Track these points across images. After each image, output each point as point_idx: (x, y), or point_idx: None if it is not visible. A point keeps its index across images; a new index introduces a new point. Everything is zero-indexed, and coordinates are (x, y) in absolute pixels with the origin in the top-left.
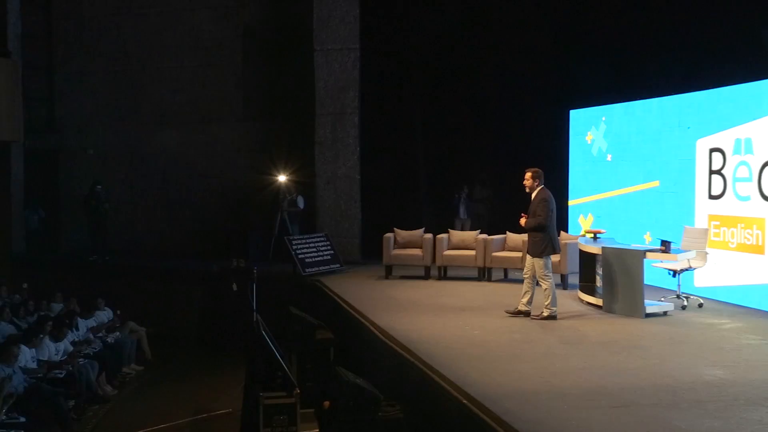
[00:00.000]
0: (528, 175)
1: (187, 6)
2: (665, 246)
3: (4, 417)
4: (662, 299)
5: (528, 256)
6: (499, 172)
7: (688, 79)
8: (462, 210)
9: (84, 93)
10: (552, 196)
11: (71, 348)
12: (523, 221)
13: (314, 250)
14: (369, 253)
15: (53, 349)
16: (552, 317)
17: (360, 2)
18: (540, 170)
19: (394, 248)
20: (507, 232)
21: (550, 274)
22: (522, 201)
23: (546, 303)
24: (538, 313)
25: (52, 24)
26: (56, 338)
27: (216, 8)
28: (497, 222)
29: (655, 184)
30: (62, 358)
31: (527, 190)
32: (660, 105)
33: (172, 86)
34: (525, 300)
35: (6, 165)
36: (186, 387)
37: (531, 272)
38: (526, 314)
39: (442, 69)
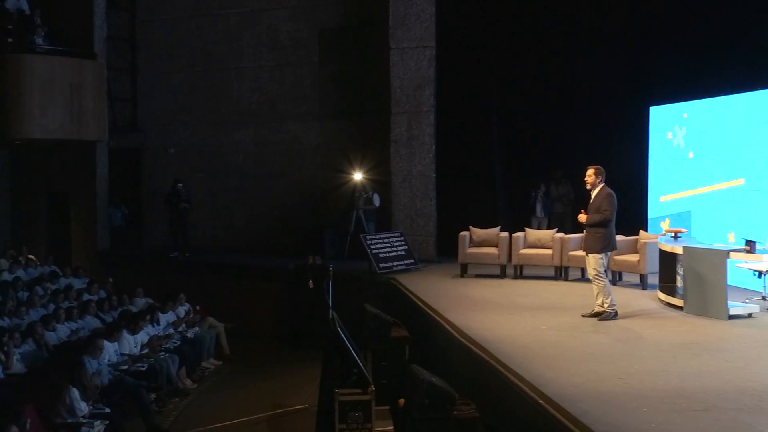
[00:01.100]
0: (590, 171)
1: (265, 6)
2: (750, 246)
3: (91, 407)
4: (746, 300)
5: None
6: (579, 170)
7: None
8: (538, 208)
9: (165, 93)
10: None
11: (147, 339)
12: (582, 218)
13: (389, 248)
14: (444, 252)
15: (132, 342)
16: (612, 316)
17: (436, 0)
18: (602, 168)
19: (470, 247)
20: (585, 231)
21: (604, 272)
22: None
23: (599, 301)
24: (596, 312)
25: (135, 27)
26: (132, 331)
27: (293, 8)
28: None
29: (740, 182)
30: (141, 352)
31: (588, 187)
32: (745, 100)
33: (250, 86)
34: (599, 301)
35: (92, 164)
36: (263, 382)
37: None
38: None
39: (518, 66)
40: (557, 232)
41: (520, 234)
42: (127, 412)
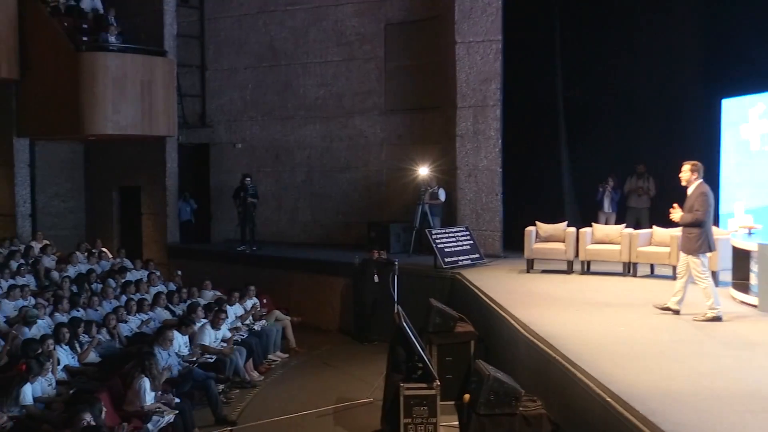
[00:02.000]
0: (686, 167)
1: (331, 2)
2: None
3: (160, 397)
4: None
5: (681, 254)
6: (658, 165)
7: None
8: (606, 203)
9: (233, 89)
10: (710, 190)
11: (229, 335)
12: (676, 215)
13: (455, 242)
14: (510, 247)
15: (213, 336)
16: (717, 318)
17: None
18: (699, 163)
19: (536, 242)
20: (653, 227)
21: (708, 273)
22: (671, 194)
23: (708, 303)
24: (702, 315)
25: (204, 24)
26: (215, 326)
27: (359, 3)
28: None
29: None
30: (220, 346)
31: (684, 183)
32: None
33: (316, 81)
34: (676, 299)
35: (162, 159)
36: (328, 376)
37: (685, 271)
38: (675, 312)
39: (586, 58)
40: (635, 228)
41: (587, 229)
42: (196, 403)
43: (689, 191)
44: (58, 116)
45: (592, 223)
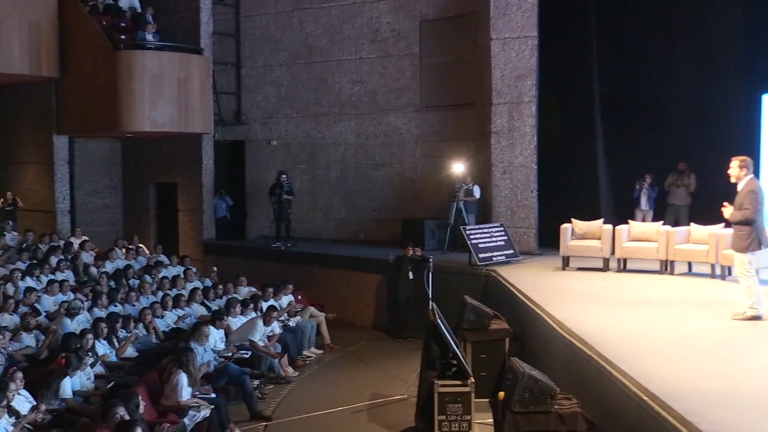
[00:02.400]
0: (734, 164)
1: None
2: None
3: (197, 392)
4: None
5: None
6: (696, 161)
7: None
8: (643, 200)
9: (268, 86)
10: (761, 187)
11: (279, 331)
12: (727, 212)
13: (490, 239)
14: (545, 244)
15: (263, 332)
16: (756, 317)
17: None
18: (748, 158)
19: (572, 239)
20: (691, 224)
21: (753, 271)
22: (710, 191)
23: (750, 302)
24: (741, 314)
25: (239, 22)
26: (267, 323)
27: (393, 0)
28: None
29: None
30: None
31: (733, 180)
32: None
33: (350, 78)
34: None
35: (198, 156)
36: (363, 372)
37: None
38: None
39: (623, 54)
40: (674, 225)
41: (623, 226)
42: (231, 398)
43: (739, 188)
44: (97, 114)
45: (629, 221)
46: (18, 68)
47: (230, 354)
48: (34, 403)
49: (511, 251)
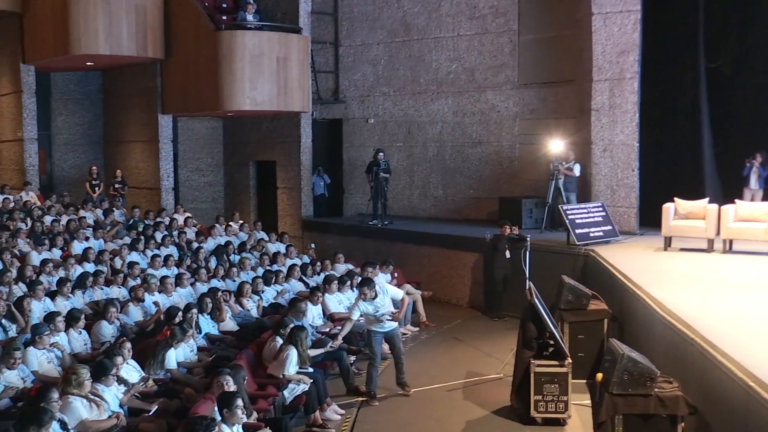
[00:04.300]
0: None
1: None
2: None
3: (297, 368)
4: None
5: None
6: None
7: None
8: (753, 179)
9: (366, 65)
10: None
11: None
12: None
13: (589, 219)
14: (647, 224)
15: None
16: None
17: None
18: None
19: (674, 219)
20: None
21: None
22: None
23: None
24: None
25: (337, 0)
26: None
27: None
28: None
29: None
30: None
31: None
32: None
33: (448, 56)
34: None
35: (297, 134)
36: (458, 350)
37: None
38: None
39: (731, 28)
40: None
41: (729, 206)
42: (329, 374)
43: None
44: (199, 94)
45: (735, 200)
46: (125, 50)
47: (328, 329)
48: (142, 373)
49: (610, 227)
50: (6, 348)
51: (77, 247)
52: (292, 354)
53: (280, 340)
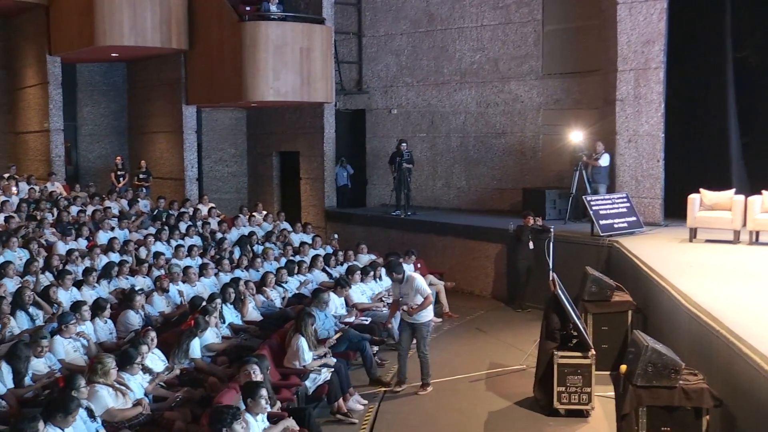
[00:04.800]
0: None
1: None
2: None
3: (316, 356)
4: None
5: None
6: None
7: None
8: None
9: (389, 55)
10: None
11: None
12: None
13: (614, 210)
14: (672, 215)
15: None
16: None
17: None
18: None
19: (700, 210)
20: None
21: None
22: None
23: None
24: None
25: None
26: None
27: None
28: None
29: None
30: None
31: None
32: None
33: (472, 46)
34: None
35: (320, 125)
36: (481, 341)
37: None
38: None
39: (759, 16)
40: None
41: (756, 197)
42: (351, 364)
43: None
44: (222, 84)
45: (762, 191)
46: (150, 41)
47: (352, 319)
48: (166, 362)
49: (634, 218)
50: (33, 336)
51: (102, 237)
52: (301, 342)
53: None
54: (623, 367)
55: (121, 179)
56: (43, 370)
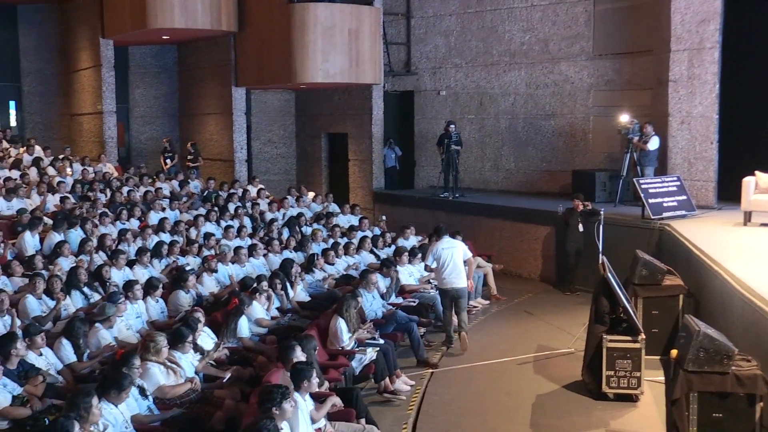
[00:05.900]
0: None
1: None
2: None
3: (367, 335)
4: None
5: None
6: None
7: None
8: None
9: (438, 36)
10: None
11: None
12: None
13: (665, 193)
14: (725, 198)
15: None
16: None
17: None
18: None
19: (755, 193)
20: None
21: None
22: None
23: None
24: None
25: None
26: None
27: None
28: None
29: None
30: None
31: None
32: None
33: (521, 26)
34: None
35: (368, 106)
36: (529, 324)
37: None
38: None
39: None
40: None
41: None
42: (399, 345)
43: None
44: (271, 66)
45: None
46: (200, 23)
47: (399, 300)
48: (216, 340)
49: (690, 208)
50: (100, 311)
51: (154, 218)
52: (340, 324)
53: None
54: (674, 352)
55: (168, 161)
56: (111, 340)
